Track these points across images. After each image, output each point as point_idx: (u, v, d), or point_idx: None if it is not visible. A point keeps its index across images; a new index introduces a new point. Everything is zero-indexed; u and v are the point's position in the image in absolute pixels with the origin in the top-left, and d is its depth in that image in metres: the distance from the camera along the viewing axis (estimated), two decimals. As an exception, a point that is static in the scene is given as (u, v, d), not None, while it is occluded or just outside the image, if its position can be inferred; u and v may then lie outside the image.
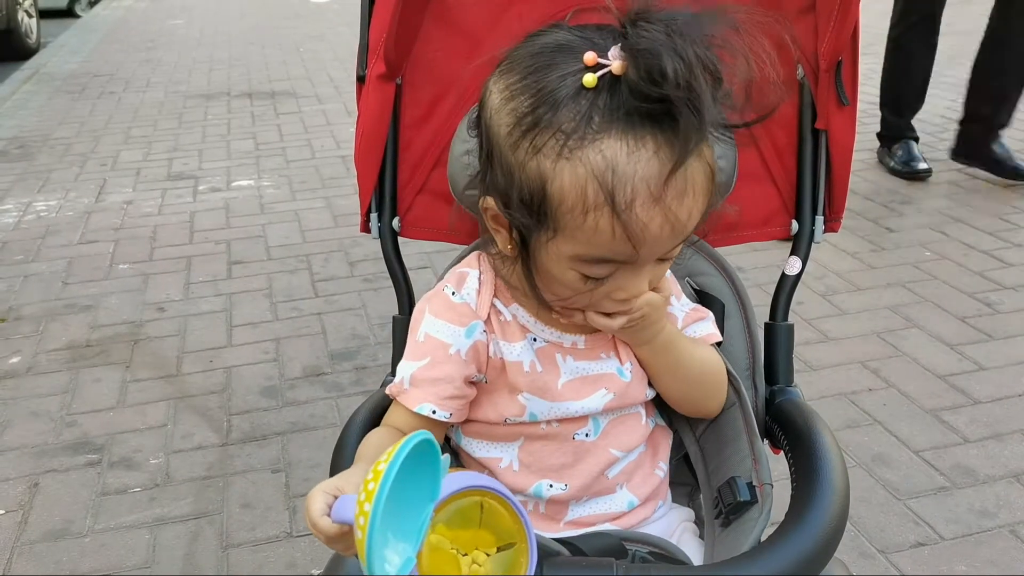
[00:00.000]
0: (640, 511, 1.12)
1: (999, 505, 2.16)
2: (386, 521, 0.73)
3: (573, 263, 0.92)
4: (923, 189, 4.16)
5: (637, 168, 0.84)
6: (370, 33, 1.27)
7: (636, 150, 0.84)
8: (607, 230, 0.86)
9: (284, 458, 2.42)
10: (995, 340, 2.88)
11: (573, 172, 0.85)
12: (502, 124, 0.91)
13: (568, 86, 0.85)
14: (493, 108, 0.93)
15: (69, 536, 2.15)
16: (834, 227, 1.35)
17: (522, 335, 1.06)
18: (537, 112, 0.87)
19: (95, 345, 3.03)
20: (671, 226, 0.87)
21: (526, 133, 0.87)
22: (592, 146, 0.84)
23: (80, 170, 4.85)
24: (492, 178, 0.95)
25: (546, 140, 0.86)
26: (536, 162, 0.87)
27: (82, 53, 8.18)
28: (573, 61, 0.86)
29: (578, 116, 0.84)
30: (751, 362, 1.25)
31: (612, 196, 0.84)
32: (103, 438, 2.52)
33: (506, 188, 0.92)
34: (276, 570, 2.03)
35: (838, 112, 1.25)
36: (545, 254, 0.93)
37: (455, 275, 1.10)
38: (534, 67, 0.89)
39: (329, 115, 5.82)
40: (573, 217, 0.87)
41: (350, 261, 3.61)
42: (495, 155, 0.93)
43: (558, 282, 0.95)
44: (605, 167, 0.84)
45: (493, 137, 0.93)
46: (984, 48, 4.18)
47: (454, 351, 1.04)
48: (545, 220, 0.89)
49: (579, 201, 0.86)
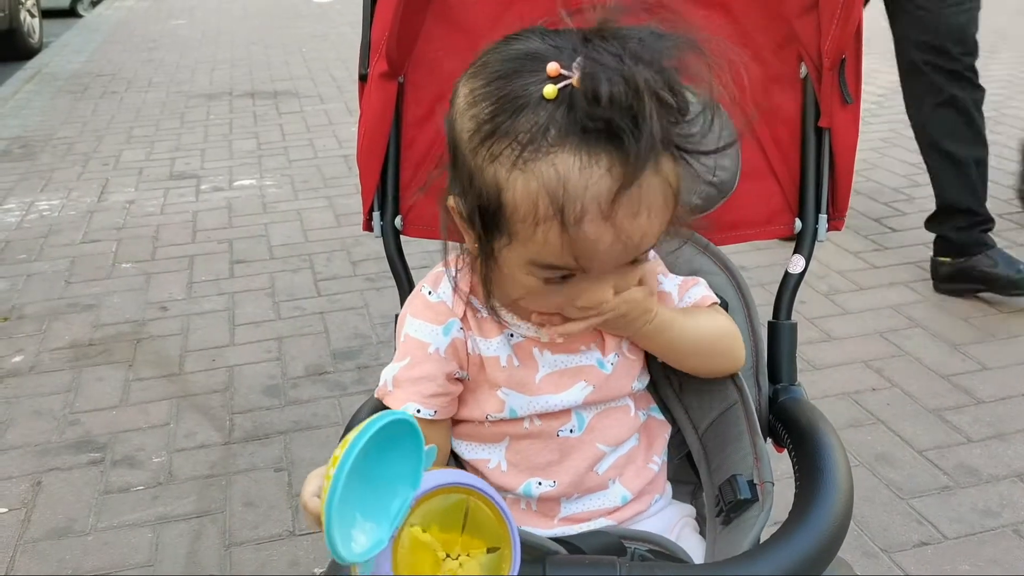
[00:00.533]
0: (635, 505, 1.12)
1: (1002, 505, 2.16)
2: (351, 496, 0.70)
3: (530, 268, 0.92)
4: (925, 189, 4.15)
5: (588, 185, 0.83)
6: (372, 32, 1.27)
7: (589, 166, 0.83)
8: (556, 243, 0.86)
9: (287, 457, 2.42)
10: (998, 340, 2.87)
11: (526, 184, 0.85)
12: (464, 128, 0.91)
13: (529, 95, 0.85)
14: (458, 111, 0.93)
15: (72, 534, 2.15)
16: (837, 225, 1.35)
17: (499, 330, 1.06)
18: (496, 120, 0.86)
19: (98, 344, 3.03)
20: (623, 244, 0.87)
21: (485, 140, 0.87)
22: (546, 159, 0.84)
23: (83, 169, 4.86)
24: (456, 179, 0.95)
25: (503, 149, 0.86)
26: (493, 169, 0.87)
27: (84, 53, 8.19)
28: (539, 70, 0.85)
29: (535, 127, 0.84)
30: (755, 361, 1.24)
31: (561, 211, 0.84)
32: (106, 437, 2.52)
33: (466, 191, 0.92)
34: (279, 569, 2.03)
35: (841, 110, 1.25)
36: (504, 257, 0.93)
37: (432, 275, 1.11)
38: (500, 73, 0.89)
39: (331, 115, 5.82)
40: (525, 227, 0.87)
41: (352, 260, 3.61)
42: (458, 157, 0.93)
43: (520, 284, 0.95)
44: (557, 182, 0.83)
45: (457, 139, 0.93)
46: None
47: (432, 349, 1.05)
48: (502, 226, 0.90)
49: (530, 213, 0.86)
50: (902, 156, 4.60)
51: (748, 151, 1.31)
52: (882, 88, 5.91)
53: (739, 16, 1.28)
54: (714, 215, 1.32)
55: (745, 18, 1.28)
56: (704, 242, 1.28)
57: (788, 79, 1.30)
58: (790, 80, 1.30)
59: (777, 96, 1.31)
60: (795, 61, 1.29)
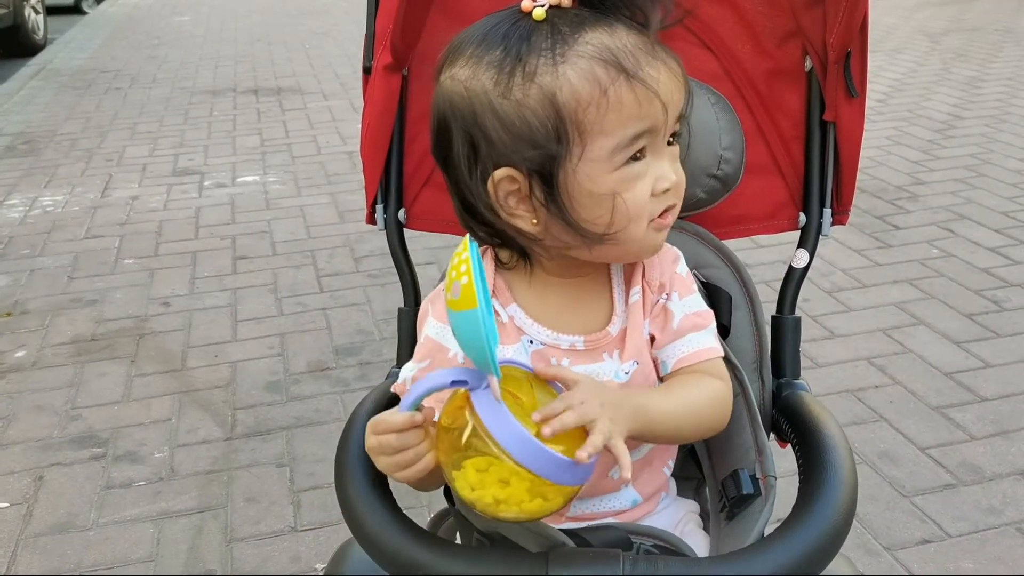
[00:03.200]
0: (644, 506, 1.11)
1: (1006, 502, 2.15)
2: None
3: (612, 158, 0.91)
4: (929, 187, 4.15)
5: (625, 41, 0.90)
6: (376, 24, 1.27)
7: (613, 32, 0.91)
8: (630, 97, 0.89)
9: (289, 452, 2.41)
10: (1002, 337, 2.86)
11: (575, 69, 0.89)
12: (485, 87, 0.91)
13: (524, 26, 0.91)
14: (464, 81, 0.92)
15: (73, 529, 2.15)
16: (842, 220, 1.34)
17: (517, 337, 1.04)
18: (510, 51, 0.90)
19: (100, 339, 3.03)
20: (676, 79, 0.94)
21: (513, 70, 0.90)
22: (578, 44, 0.89)
23: (86, 165, 4.86)
24: (491, 149, 0.93)
25: (535, 64, 0.89)
26: (536, 87, 0.89)
27: (88, 49, 8.20)
28: (513, 15, 0.92)
29: (548, 34, 0.90)
30: (758, 355, 1.23)
31: (620, 65, 0.89)
32: (108, 432, 2.52)
33: (512, 141, 0.91)
34: (280, 564, 2.03)
35: (847, 104, 1.24)
36: (582, 177, 0.91)
37: None
38: (482, 33, 0.93)
39: (335, 111, 5.82)
40: (595, 108, 0.89)
41: (355, 257, 3.61)
42: (486, 123, 0.92)
43: (606, 194, 0.92)
44: (602, 49, 0.89)
45: (477, 105, 0.91)
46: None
47: (452, 354, 1.03)
48: (567, 137, 0.90)
49: (595, 88, 0.88)
50: (906, 154, 4.60)
51: (752, 145, 1.30)
52: (887, 85, 5.90)
53: (744, 9, 1.28)
54: (718, 209, 1.31)
55: (750, 11, 1.27)
56: (709, 236, 1.27)
57: (793, 73, 1.29)
58: (795, 74, 1.29)
59: (782, 90, 1.31)
60: (800, 54, 1.28)
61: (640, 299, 1.07)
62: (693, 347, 1.06)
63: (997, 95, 5.60)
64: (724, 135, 1.24)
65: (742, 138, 1.26)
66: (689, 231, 1.26)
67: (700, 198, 1.26)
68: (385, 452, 0.87)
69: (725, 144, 1.24)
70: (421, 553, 0.88)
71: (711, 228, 1.28)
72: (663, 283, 1.08)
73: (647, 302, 1.07)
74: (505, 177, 0.93)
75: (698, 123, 1.21)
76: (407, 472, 0.87)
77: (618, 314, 1.07)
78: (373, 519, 0.93)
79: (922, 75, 6.19)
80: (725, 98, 1.27)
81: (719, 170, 1.24)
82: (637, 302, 1.07)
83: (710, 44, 1.31)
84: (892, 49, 6.97)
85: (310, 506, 2.20)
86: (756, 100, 1.32)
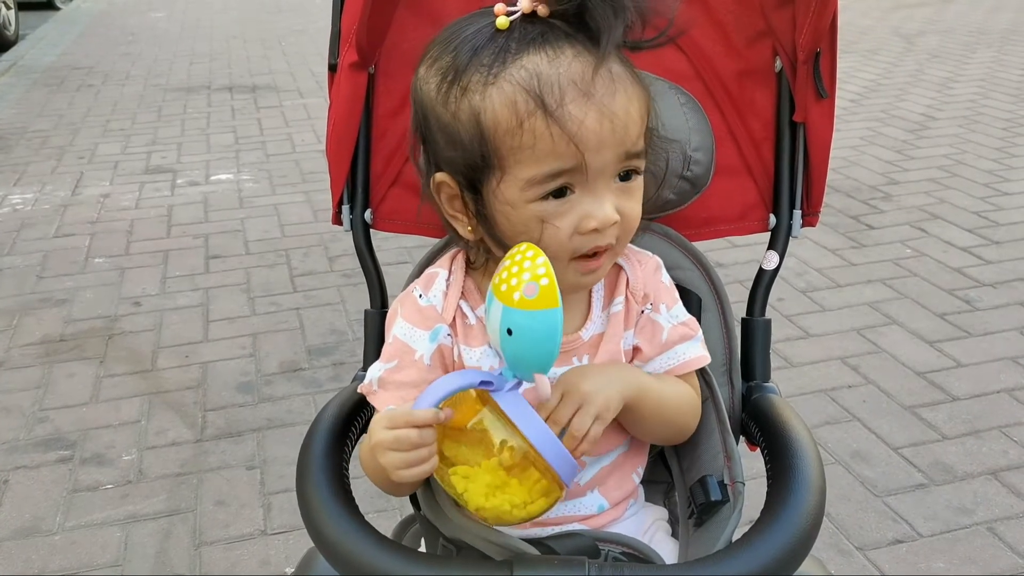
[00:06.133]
0: (610, 512, 1.10)
1: (977, 502, 2.16)
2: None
3: (527, 191, 0.90)
4: (903, 187, 4.17)
5: (560, 71, 0.86)
6: (342, 21, 1.25)
7: (556, 57, 0.87)
8: (545, 136, 0.86)
9: (260, 455, 2.39)
10: (973, 336, 2.88)
11: (500, 92, 0.87)
12: (431, 87, 0.93)
13: (484, 33, 0.89)
14: (421, 79, 0.95)
15: (39, 534, 2.11)
16: (812, 221, 1.33)
17: (484, 339, 1.03)
18: (459, 60, 0.90)
19: (69, 340, 2.99)
20: (610, 122, 0.87)
21: (453, 82, 0.90)
22: (513, 65, 0.87)
23: (57, 163, 4.80)
24: (435, 150, 0.95)
25: (471, 79, 0.89)
26: (467, 102, 0.89)
27: (61, 45, 8.10)
28: (488, 14, 0.90)
29: (497, 49, 0.88)
30: (728, 358, 1.23)
31: (542, 99, 0.85)
32: (75, 434, 2.48)
33: (447, 150, 0.93)
34: (249, 568, 2.00)
35: (816, 105, 1.23)
36: (501, 199, 0.91)
37: (425, 276, 1.08)
38: (451, 33, 0.93)
39: (310, 109, 5.78)
40: (512, 136, 0.87)
41: (329, 256, 3.58)
42: (431, 123, 0.94)
43: (522, 224, 0.92)
44: (529, 77, 0.86)
45: (427, 104, 0.94)
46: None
47: (418, 356, 1.02)
48: (490, 157, 0.90)
49: (512, 117, 0.87)
50: (880, 154, 4.62)
51: (722, 146, 1.29)
52: (862, 86, 5.94)
53: (715, 9, 1.27)
54: (689, 211, 1.30)
55: (721, 11, 1.26)
56: (678, 237, 1.26)
57: (763, 73, 1.29)
58: (765, 74, 1.28)
59: (752, 90, 1.30)
60: (770, 55, 1.27)
61: (623, 309, 1.06)
62: (682, 358, 1.08)
63: (970, 96, 5.65)
64: (694, 136, 1.23)
65: (712, 139, 1.25)
66: (658, 232, 1.25)
67: (669, 199, 1.25)
68: (400, 447, 0.85)
69: (695, 145, 1.23)
70: (383, 560, 0.86)
71: (681, 230, 1.27)
72: (647, 293, 1.07)
73: (631, 313, 1.06)
74: (443, 181, 0.95)
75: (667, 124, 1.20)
76: (412, 471, 0.86)
77: (593, 320, 1.06)
78: (335, 526, 0.91)
79: (897, 76, 6.23)
80: (695, 99, 1.26)
81: (688, 171, 1.23)
82: (619, 312, 1.06)
83: (681, 44, 1.30)
84: (867, 50, 7.02)
85: (280, 509, 2.17)
86: (726, 101, 1.31)
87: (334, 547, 0.90)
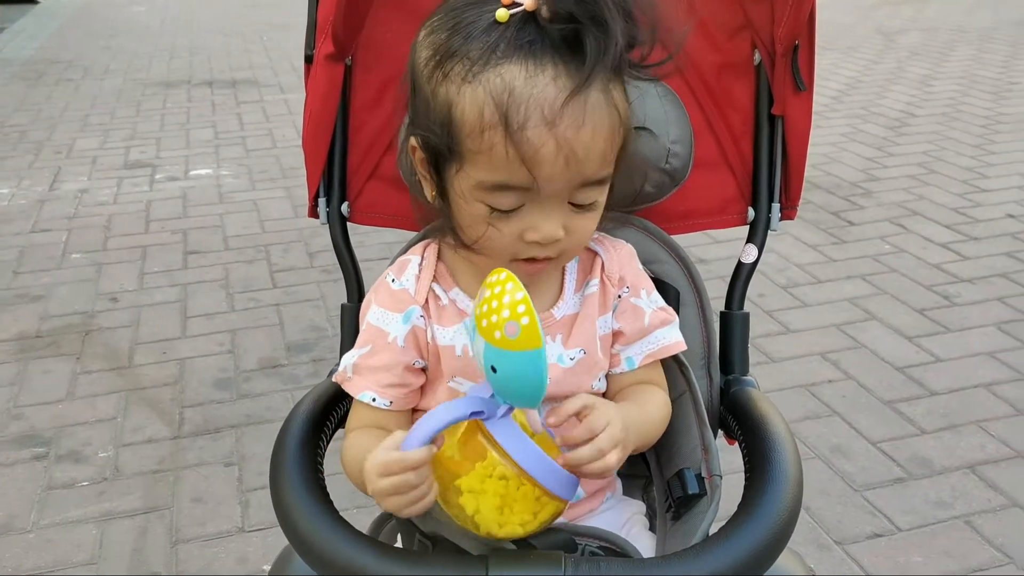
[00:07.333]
0: (586, 503, 1.09)
1: (954, 496, 2.17)
2: None
3: (477, 192, 0.91)
4: (883, 183, 4.19)
5: (533, 91, 0.85)
6: (318, 11, 1.23)
7: (534, 75, 0.86)
8: (501, 151, 0.87)
9: (238, 451, 2.37)
10: (952, 332, 2.90)
11: (473, 94, 0.87)
12: (422, 57, 0.93)
13: (483, 21, 0.88)
14: (418, 43, 0.96)
15: (13, 532, 2.09)
16: (790, 215, 1.33)
17: (459, 319, 1.03)
18: (451, 42, 0.90)
19: (45, 336, 2.96)
20: (565, 156, 0.87)
21: (439, 63, 0.90)
22: (494, 71, 0.87)
23: (35, 158, 4.75)
24: (414, 115, 0.97)
25: (454, 67, 0.89)
26: (445, 88, 0.90)
27: (40, 39, 8.01)
28: (492, 3, 0.88)
29: (486, 46, 0.87)
30: (706, 351, 1.22)
31: (506, 116, 0.85)
32: (51, 431, 2.45)
33: (423, 120, 0.94)
34: (226, 566, 1.98)
35: (794, 98, 1.23)
36: (456, 188, 0.94)
37: (398, 263, 1.09)
38: (457, 6, 0.92)
39: (291, 104, 5.74)
40: (472, 140, 0.88)
41: (310, 252, 3.56)
42: (416, 88, 0.96)
43: (470, 217, 0.94)
44: (503, 89, 0.86)
45: (416, 69, 0.95)
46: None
47: (392, 338, 1.02)
48: (453, 148, 0.91)
49: (477, 122, 0.87)
50: (860, 151, 4.64)
51: (701, 139, 1.28)
52: (842, 83, 5.96)
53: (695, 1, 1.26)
54: (667, 204, 1.29)
55: (700, 3, 1.26)
56: (657, 231, 1.25)
57: (742, 66, 1.28)
58: (743, 67, 1.28)
59: (731, 83, 1.29)
60: (749, 48, 1.27)
61: (597, 291, 1.06)
62: (662, 343, 1.09)
63: (950, 93, 5.68)
64: (672, 128, 1.22)
65: (691, 132, 1.25)
66: (637, 226, 1.24)
67: (648, 192, 1.24)
68: (400, 492, 0.83)
69: (673, 137, 1.22)
70: (356, 557, 0.86)
71: (659, 223, 1.27)
72: (623, 276, 1.08)
73: (607, 296, 1.07)
74: (416, 146, 0.97)
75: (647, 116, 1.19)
76: (415, 508, 0.84)
77: (565, 300, 1.07)
78: (308, 523, 0.90)
79: (877, 73, 6.26)
80: (674, 91, 1.25)
81: (667, 164, 1.23)
82: (593, 294, 1.06)
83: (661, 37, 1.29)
84: (848, 47, 7.05)
85: (258, 506, 2.15)
86: (705, 94, 1.30)
87: (308, 544, 0.89)
